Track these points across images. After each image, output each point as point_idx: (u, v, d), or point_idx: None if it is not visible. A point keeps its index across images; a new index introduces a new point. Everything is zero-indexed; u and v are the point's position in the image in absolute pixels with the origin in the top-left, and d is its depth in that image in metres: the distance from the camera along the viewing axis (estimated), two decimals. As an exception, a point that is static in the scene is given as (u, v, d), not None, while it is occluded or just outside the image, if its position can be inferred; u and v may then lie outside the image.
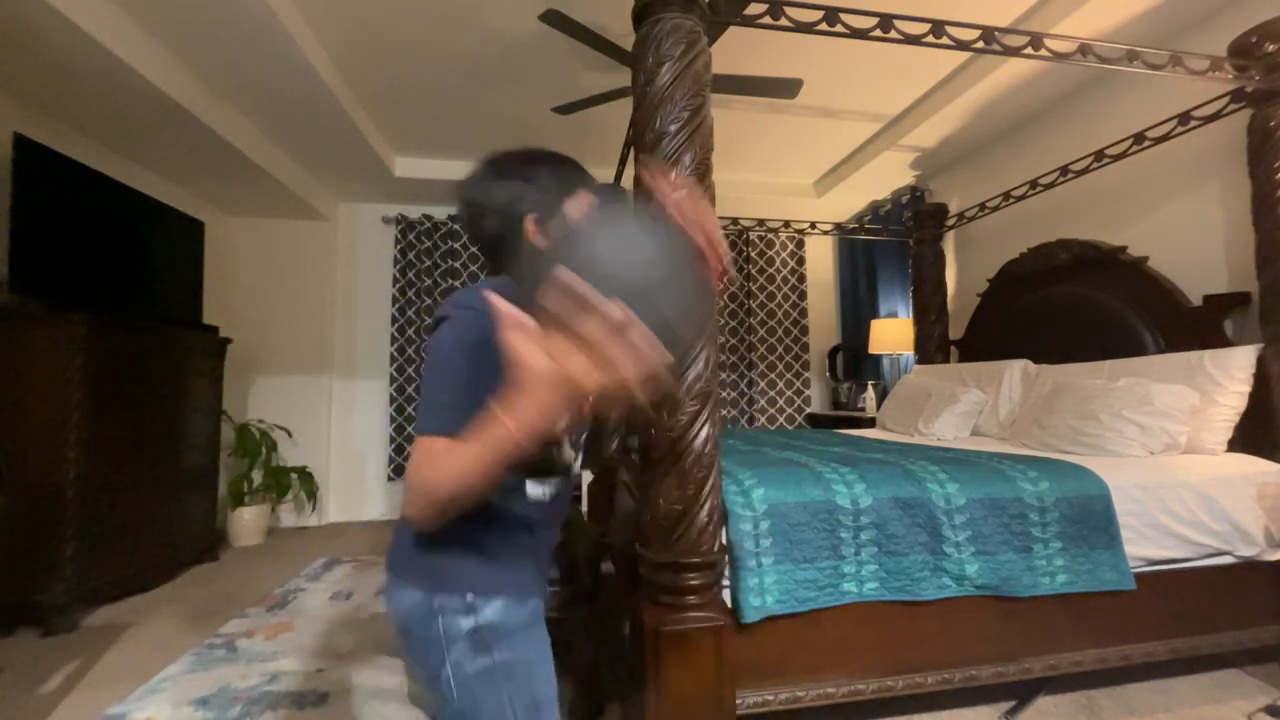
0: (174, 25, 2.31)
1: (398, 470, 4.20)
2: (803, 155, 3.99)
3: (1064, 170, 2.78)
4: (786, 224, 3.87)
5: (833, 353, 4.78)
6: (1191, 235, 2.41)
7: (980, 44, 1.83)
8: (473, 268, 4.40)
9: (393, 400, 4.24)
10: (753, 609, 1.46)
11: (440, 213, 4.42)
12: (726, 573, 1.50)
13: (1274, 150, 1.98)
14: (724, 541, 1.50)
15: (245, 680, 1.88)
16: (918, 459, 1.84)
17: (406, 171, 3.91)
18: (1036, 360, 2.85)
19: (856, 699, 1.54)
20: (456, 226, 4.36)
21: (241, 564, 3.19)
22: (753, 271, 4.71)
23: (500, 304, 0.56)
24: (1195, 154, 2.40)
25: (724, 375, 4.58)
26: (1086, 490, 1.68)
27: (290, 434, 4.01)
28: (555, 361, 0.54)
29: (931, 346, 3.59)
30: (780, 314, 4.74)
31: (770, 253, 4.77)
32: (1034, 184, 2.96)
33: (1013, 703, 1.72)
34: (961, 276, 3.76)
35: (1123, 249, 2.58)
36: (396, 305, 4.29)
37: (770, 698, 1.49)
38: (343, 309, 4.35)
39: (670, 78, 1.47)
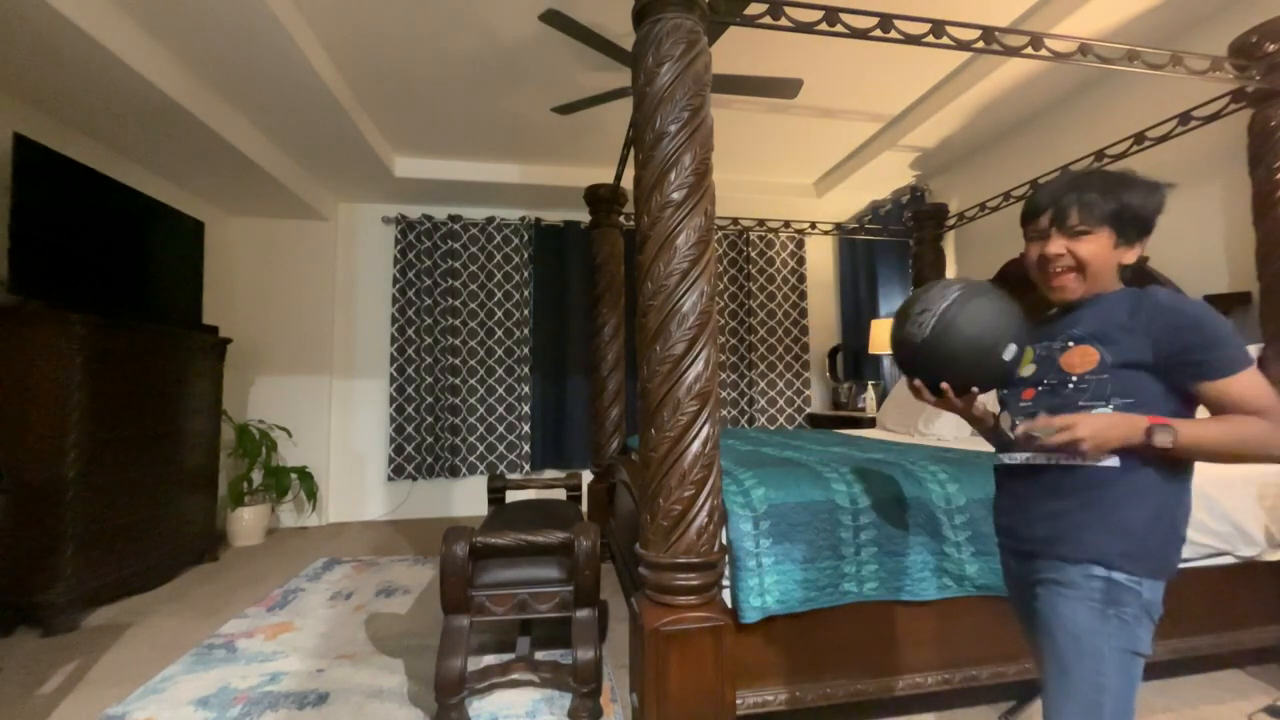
0: (174, 25, 2.31)
1: (397, 470, 4.20)
2: (803, 155, 3.99)
3: (1064, 170, 2.78)
4: (786, 224, 3.87)
5: (833, 353, 4.79)
6: (1191, 235, 2.41)
7: (980, 44, 1.83)
8: (472, 267, 4.41)
9: (392, 400, 4.24)
10: (753, 609, 1.46)
11: (440, 213, 4.42)
12: (726, 573, 1.50)
13: (1274, 150, 1.98)
14: (724, 541, 1.50)
15: (245, 680, 1.88)
16: (918, 459, 1.83)
17: (406, 171, 3.91)
18: (1036, 360, 2.85)
19: (857, 699, 1.54)
20: (457, 227, 4.37)
21: (241, 564, 3.19)
22: (753, 271, 4.72)
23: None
24: (1195, 154, 2.40)
25: (724, 375, 4.58)
26: (1086, 490, 1.67)
27: (290, 434, 4.01)
28: None
29: (932, 346, 3.58)
30: (780, 314, 4.74)
31: (770, 253, 4.77)
32: (1034, 184, 2.96)
33: (1012, 703, 1.72)
34: (962, 276, 3.76)
35: (1123, 249, 2.58)
36: (396, 305, 4.29)
37: (770, 698, 1.49)
38: (343, 309, 4.35)
39: (670, 78, 1.47)
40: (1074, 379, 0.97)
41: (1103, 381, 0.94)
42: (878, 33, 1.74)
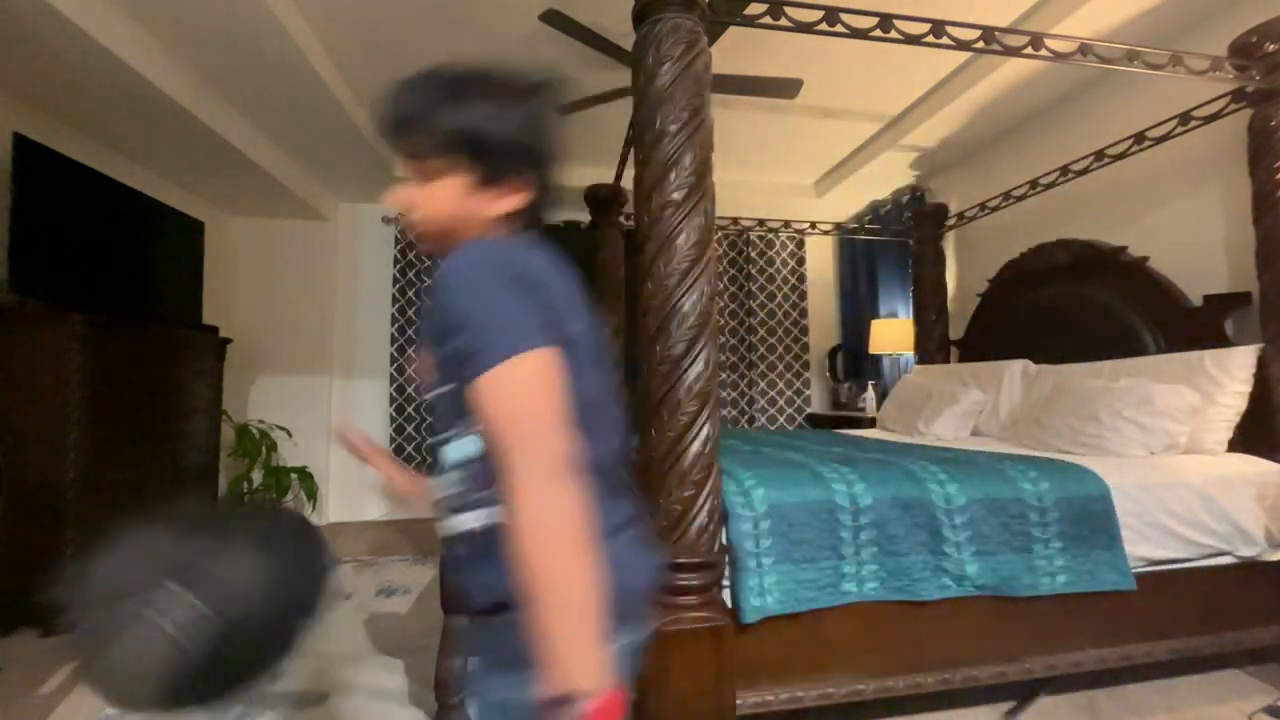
0: (174, 25, 2.31)
1: (398, 470, 4.20)
2: (803, 155, 3.99)
3: (1064, 170, 2.78)
4: (786, 224, 3.87)
5: (833, 353, 4.78)
6: (1191, 235, 2.41)
7: (980, 44, 1.83)
8: (473, 268, 4.40)
9: (393, 400, 4.24)
10: (753, 609, 1.45)
11: (440, 213, 4.42)
12: (726, 573, 1.50)
13: (1274, 150, 1.98)
14: (724, 541, 1.50)
15: (245, 680, 1.88)
16: (918, 459, 1.83)
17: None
18: (1037, 360, 2.85)
19: (857, 699, 1.54)
20: (456, 226, 4.36)
21: (241, 564, 3.19)
22: (753, 271, 4.71)
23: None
24: (1195, 154, 2.40)
25: (724, 375, 4.58)
26: (1087, 490, 1.67)
27: (290, 434, 4.01)
28: None
29: (932, 346, 3.59)
30: (780, 314, 4.74)
31: (770, 253, 4.77)
32: (1034, 184, 2.95)
33: (1013, 703, 1.72)
34: (961, 276, 3.76)
35: (1123, 249, 2.58)
36: (396, 305, 4.28)
37: (770, 698, 1.49)
38: (343, 309, 4.34)
39: (670, 78, 1.47)
40: (429, 401, 0.67)
41: (447, 397, 0.61)
42: (878, 33, 1.74)
